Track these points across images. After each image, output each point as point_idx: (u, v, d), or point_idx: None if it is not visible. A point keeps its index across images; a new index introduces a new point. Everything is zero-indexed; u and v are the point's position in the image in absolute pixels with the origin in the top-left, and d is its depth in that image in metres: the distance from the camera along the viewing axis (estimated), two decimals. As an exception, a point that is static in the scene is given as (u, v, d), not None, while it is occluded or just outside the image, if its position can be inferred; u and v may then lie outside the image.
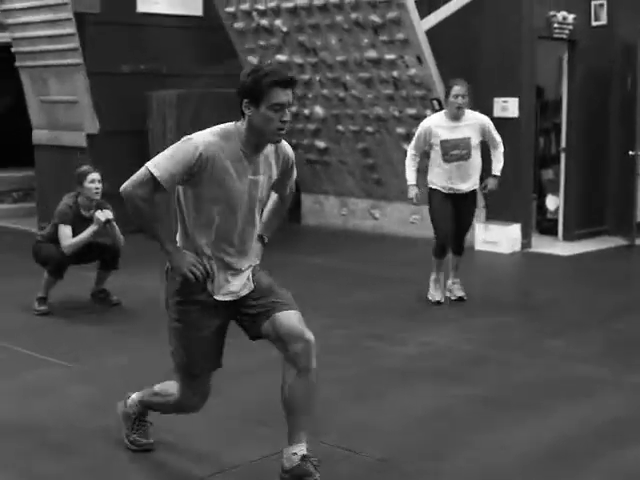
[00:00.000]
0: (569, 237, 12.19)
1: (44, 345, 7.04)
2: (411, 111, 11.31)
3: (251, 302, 4.42)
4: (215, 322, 4.44)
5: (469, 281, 8.85)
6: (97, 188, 7.90)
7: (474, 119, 8.28)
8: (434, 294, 8.42)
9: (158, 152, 4.34)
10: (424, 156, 8.51)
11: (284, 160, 4.49)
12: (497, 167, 8.38)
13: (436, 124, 8.24)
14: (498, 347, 7.14)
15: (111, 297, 8.37)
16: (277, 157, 4.44)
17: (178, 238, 4.44)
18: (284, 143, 4.47)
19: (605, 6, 12.08)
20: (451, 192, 8.27)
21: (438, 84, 10.88)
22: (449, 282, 8.61)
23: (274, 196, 4.72)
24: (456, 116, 8.17)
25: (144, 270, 9.74)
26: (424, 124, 8.33)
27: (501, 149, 8.38)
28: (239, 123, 4.28)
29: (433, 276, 8.45)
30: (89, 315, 8.10)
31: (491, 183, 8.43)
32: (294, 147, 12.51)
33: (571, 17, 11.63)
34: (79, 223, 7.89)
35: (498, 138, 8.36)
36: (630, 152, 11.89)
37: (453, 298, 8.55)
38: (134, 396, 4.98)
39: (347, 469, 4.78)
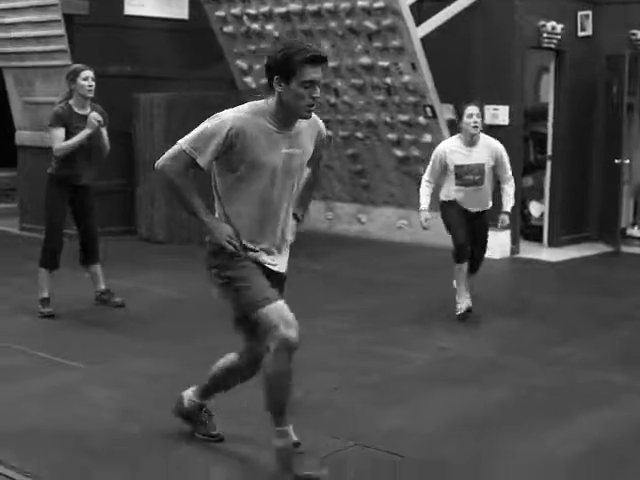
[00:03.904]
0: (554, 243, 12.34)
1: (56, 348, 6.94)
2: (403, 117, 11.35)
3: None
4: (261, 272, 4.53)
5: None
6: (90, 85, 7.74)
7: (488, 145, 8.13)
8: (461, 306, 8.07)
9: (143, 155, 4.40)
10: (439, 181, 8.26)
11: (319, 134, 4.62)
12: (508, 204, 8.16)
13: (450, 149, 8.09)
14: (510, 354, 7.19)
15: (114, 298, 8.28)
16: (312, 132, 4.56)
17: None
18: (316, 118, 4.58)
19: (590, 17, 12.26)
20: (466, 209, 8.16)
21: (432, 91, 10.93)
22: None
23: (306, 172, 4.77)
24: (471, 141, 8.01)
25: (146, 272, 9.73)
26: (438, 149, 8.18)
27: (512, 185, 8.22)
28: (270, 99, 4.37)
29: (459, 290, 8.11)
30: (94, 317, 8.03)
31: (505, 220, 8.16)
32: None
33: (560, 27, 11.76)
34: (75, 122, 7.71)
35: (509, 172, 8.20)
36: (616, 160, 12.04)
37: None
38: (188, 394, 5.02)
39: (395, 473, 4.78)
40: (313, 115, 4.47)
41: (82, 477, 4.63)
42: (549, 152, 12.37)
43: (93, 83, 7.78)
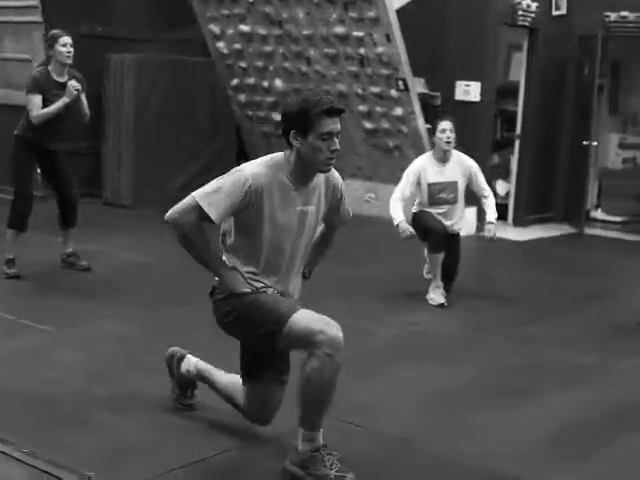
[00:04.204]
0: (519, 222, 12.38)
1: (22, 310, 6.83)
2: (375, 89, 11.29)
3: None
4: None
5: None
6: (69, 52, 7.63)
7: (461, 162, 8.00)
8: (435, 297, 7.92)
9: (112, 116, 4.24)
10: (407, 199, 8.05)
11: (334, 189, 4.47)
12: (492, 214, 8.01)
13: (424, 166, 7.93)
14: (479, 331, 7.18)
15: (81, 261, 8.17)
16: (327, 187, 4.41)
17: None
18: (333, 172, 4.43)
19: (565, -4, 12.27)
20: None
21: (405, 64, 10.86)
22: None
23: (321, 228, 4.64)
24: (443, 157, 7.89)
25: (112, 237, 9.61)
26: (413, 167, 7.97)
27: (492, 199, 8.07)
28: (287, 153, 4.25)
29: (433, 283, 7.96)
30: (60, 279, 7.92)
31: (491, 230, 7.98)
32: (249, 118, 12.65)
33: (534, 5, 11.75)
34: (50, 90, 7.60)
35: (486, 187, 8.06)
36: (584, 142, 12.08)
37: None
38: (190, 364, 4.89)
39: (363, 446, 4.76)
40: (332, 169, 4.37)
41: (52, 442, 4.54)
42: (518, 131, 12.37)
43: (72, 49, 7.67)
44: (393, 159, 11.49)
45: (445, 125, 7.85)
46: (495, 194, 12.54)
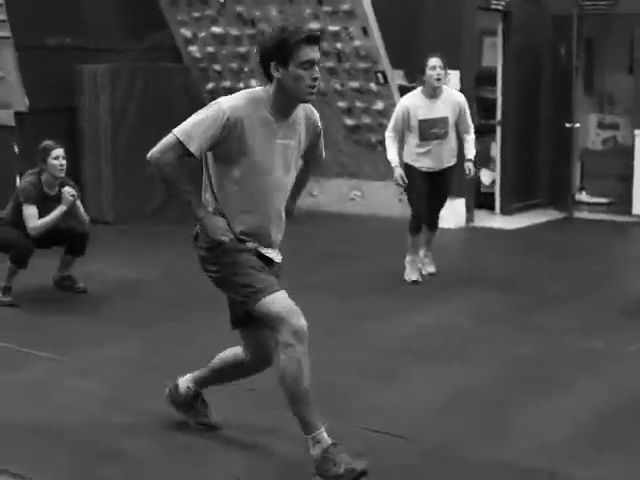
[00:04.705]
0: (506, 211, 12.25)
1: (25, 338, 6.60)
2: (354, 84, 11.12)
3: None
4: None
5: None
6: (62, 165, 7.50)
7: (451, 97, 8.09)
8: (410, 274, 8.21)
9: (90, 130, 4.13)
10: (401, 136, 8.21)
11: (314, 126, 4.48)
12: (471, 151, 8.19)
13: (413, 103, 8.00)
14: (488, 324, 7.05)
15: (77, 284, 7.96)
16: (307, 123, 4.41)
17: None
18: (313, 109, 4.44)
19: (537, -22, 12.15)
20: (430, 170, 8.11)
21: (384, 56, 10.71)
22: (421, 255, 8.45)
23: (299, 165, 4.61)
24: (433, 93, 7.96)
25: (104, 256, 9.36)
26: (402, 104, 8.07)
27: (472, 134, 8.26)
28: (267, 87, 4.23)
29: (408, 257, 8.25)
30: (59, 304, 7.68)
31: (470, 167, 8.15)
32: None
33: (507, -12, 11.64)
34: (42, 202, 7.46)
35: (471, 124, 8.24)
36: (567, 124, 11.97)
37: (424, 273, 8.43)
38: (185, 380, 4.79)
39: (397, 454, 4.60)
40: (310, 106, 4.36)
41: (84, 475, 4.39)
42: (498, 117, 12.24)
43: (64, 162, 7.56)
44: (376, 154, 11.32)
45: (435, 62, 7.92)
46: (480, 183, 12.58)
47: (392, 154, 8.01)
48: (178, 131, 4.15)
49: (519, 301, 7.71)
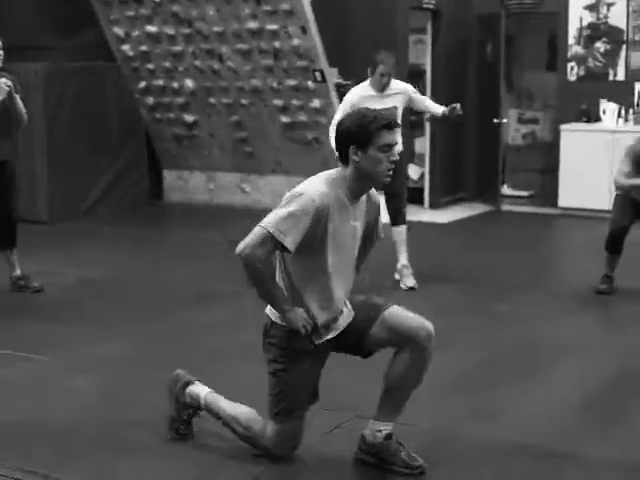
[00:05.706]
0: (435, 205, 12.48)
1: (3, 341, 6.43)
2: (291, 82, 11.18)
3: (350, 324, 4.43)
4: (318, 358, 4.42)
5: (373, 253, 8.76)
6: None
7: (398, 88, 8.17)
8: (406, 281, 8.12)
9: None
10: None
11: (375, 206, 4.53)
12: (438, 106, 8.37)
13: (362, 95, 8.02)
14: (459, 313, 7.18)
15: (32, 283, 7.80)
16: (369, 204, 4.46)
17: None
18: (374, 190, 4.49)
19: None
20: None
21: (322, 55, 10.81)
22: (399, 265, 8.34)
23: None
24: (381, 87, 8.03)
25: (49, 254, 9.22)
26: (350, 96, 8.09)
27: (429, 100, 8.56)
28: (341, 170, 4.28)
29: (404, 270, 8.23)
30: (21, 305, 7.53)
31: (453, 109, 8.23)
32: (158, 121, 12.35)
33: (437, -13, 11.88)
34: None
35: (420, 95, 8.46)
36: (495, 120, 12.28)
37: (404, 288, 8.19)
38: (200, 392, 4.66)
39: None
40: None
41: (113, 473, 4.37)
42: (427, 114, 12.44)
43: (1, 52, 7.29)
44: (312, 151, 11.42)
45: (383, 70, 7.91)
46: (407, 179, 12.77)
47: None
48: (269, 225, 4.05)
49: (482, 291, 7.89)
